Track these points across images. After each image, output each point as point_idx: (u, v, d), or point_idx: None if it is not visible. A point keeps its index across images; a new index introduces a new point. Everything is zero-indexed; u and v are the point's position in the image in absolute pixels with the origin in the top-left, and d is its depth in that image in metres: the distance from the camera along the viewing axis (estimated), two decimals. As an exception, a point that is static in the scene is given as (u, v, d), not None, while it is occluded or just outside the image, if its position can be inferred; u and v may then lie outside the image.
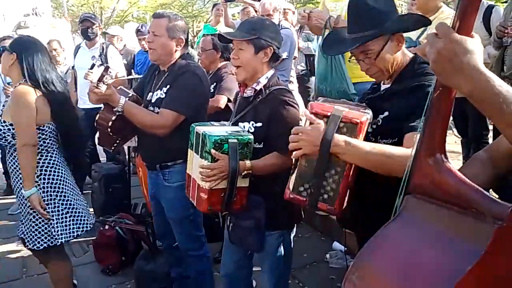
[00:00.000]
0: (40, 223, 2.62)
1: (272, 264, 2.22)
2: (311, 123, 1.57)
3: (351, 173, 1.55)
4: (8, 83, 4.25)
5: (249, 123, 2.12)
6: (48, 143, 2.64)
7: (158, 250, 3.28)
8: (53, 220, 2.62)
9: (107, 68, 2.53)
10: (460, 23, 0.93)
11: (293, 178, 1.64)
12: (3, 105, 2.76)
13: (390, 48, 1.66)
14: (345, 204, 1.61)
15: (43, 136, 2.61)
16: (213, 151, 1.93)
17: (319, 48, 3.04)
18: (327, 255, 3.51)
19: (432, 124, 1.02)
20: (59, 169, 2.67)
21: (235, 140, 1.95)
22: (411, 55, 1.74)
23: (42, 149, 2.62)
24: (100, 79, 2.41)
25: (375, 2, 1.66)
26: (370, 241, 1.05)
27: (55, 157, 2.67)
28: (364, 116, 1.54)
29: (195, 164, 2.08)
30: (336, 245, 3.58)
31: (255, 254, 2.34)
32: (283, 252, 2.20)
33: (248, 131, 2.09)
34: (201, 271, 2.80)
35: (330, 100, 1.75)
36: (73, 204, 2.71)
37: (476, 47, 0.92)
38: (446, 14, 3.28)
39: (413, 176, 1.06)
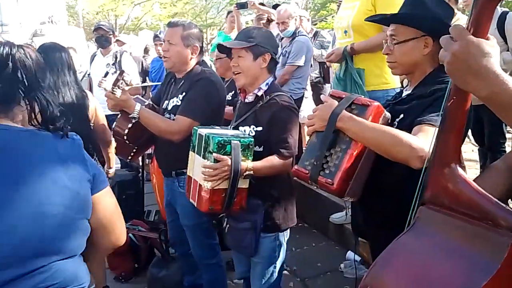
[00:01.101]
0: None
1: (263, 268, 2.24)
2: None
3: (355, 152, 1.56)
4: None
5: (249, 127, 2.18)
6: None
7: (171, 258, 3.28)
8: None
9: (121, 73, 2.55)
10: (474, 28, 0.91)
11: (303, 154, 1.71)
12: None
13: (413, 45, 1.66)
14: (349, 187, 1.59)
15: None
16: (215, 154, 1.99)
17: (335, 76, 3.08)
18: (341, 265, 3.47)
19: (446, 134, 1.01)
20: None
21: (238, 142, 2.02)
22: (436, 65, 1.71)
23: None
24: (115, 84, 2.43)
25: (432, 1, 1.67)
26: (384, 253, 1.04)
27: None
28: (377, 102, 1.60)
29: (197, 165, 2.13)
30: (350, 254, 3.54)
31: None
32: (276, 256, 2.24)
33: (249, 134, 2.15)
34: (214, 280, 2.80)
35: None
36: None
37: (493, 50, 0.90)
38: (462, 22, 3.26)
39: (427, 186, 1.05)
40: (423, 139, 1.42)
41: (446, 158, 1.00)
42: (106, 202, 1.31)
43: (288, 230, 2.31)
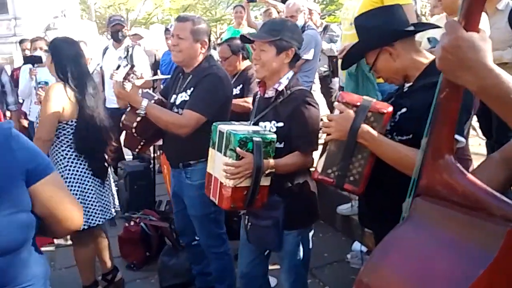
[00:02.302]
0: None
1: (290, 263, 2.24)
2: (341, 112, 1.68)
3: (374, 158, 1.68)
4: (39, 83, 4.39)
5: (270, 122, 2.14)
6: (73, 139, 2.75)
7: (181, 246, 3.34)
8: None
9: (132, 67, 2.62)
10: (465, 21, 0.90)
11: (322, 160, 1.75)
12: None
13: (383, 60, 1.75)
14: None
15: (72, 131, 2.72)
16: (238, 149, 1.95)
17: (347, 73, 3.11)
18: (348, 255, 3.51)
19: (439, 126, 1.01)
20: (82, 164, 2.78)
21: (260, 139, 1.97)
22: (430, 55, 1.75)
23: (71, 143, 2.74)
24: (126, 77, 2.48)
25: (365, 19, 1.82)
26: (380, 246, 1.04)
27: (78, 154, 2.78)
28: (390, 107, 1.66)
29: (218, 163, 2.09)
30: (357, 245, 3.58)
31: (274, 253, 2.36)
32: (301, 251, 2.23)
33: (270, 130, 2.12)
34: (222, 268, 2.85)
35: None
36: (91, 198, 2.81)
37: (483, 43, 0.89)
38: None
39: (422, 177, 1.06)
40: None
41: (440, 149, 1.01)
42: (49, 191, 1.25)
43: (312, 226, 2.31)
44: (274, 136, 2.03)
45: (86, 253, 2.96)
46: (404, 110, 1.70)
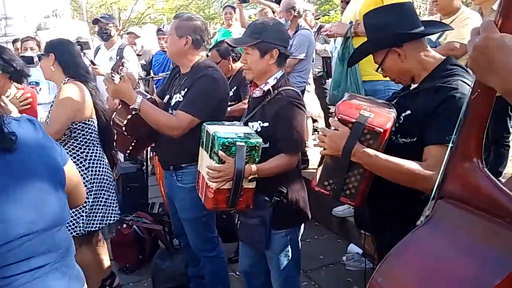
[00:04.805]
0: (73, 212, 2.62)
1: (279, 263, 2.24)
2: (336, 128, 1.61)
3: (371, 174, 1.61)
4: (30, 83, 4.31)
5: (257, 122, 2.16)
6: (93, 137, 2.72)
7: (175, 249, 3.31)
8: (85, 210, 2.65)
9: (121, 59, 2.58)
10: (502, 21, 0.88)
11: (319, 171, 1.71)
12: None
13: (390, 60, 1.72)
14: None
15: (89, 130, 2.69)
16: (220, 152, 1.98)
17: (337, 56, 3.06)
18: (344, 257, 3.49)
19: (468, 127, 0.98)
20: (101, 162, 2.76)
21: (243, 144, 1.98)
22: (439, 56, 1.72)
23: (89, 143, 2.70)
24: (114, 69, 2.44)
25: (374, 18, 1.77)
26: (397, 246, 1.03)
27: (97, 151, 2.76)
28: (389, 122, 1.56)
29: (204, 163, 2.13)
30: (353, 247, 3.57)
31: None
32: (290, 251, 2.23)
33: (256, 131, 2.12)
34: (215, 271, 2.82)
35: (357, 96, 1.81)
36: (108, 197, 2.79)
37: None
38: (466, 15, 3.25)
39: (447, 180, 1.03)
40: (434, 164, 1.45)
41: (467, 152, 0.98)
42: (72, 172, 1.43)
43: (302, 225, 2.31)
44: (260, 140, 2.03)
45: (88, 257, 2.87)
46: (408, 112, 1.66)
